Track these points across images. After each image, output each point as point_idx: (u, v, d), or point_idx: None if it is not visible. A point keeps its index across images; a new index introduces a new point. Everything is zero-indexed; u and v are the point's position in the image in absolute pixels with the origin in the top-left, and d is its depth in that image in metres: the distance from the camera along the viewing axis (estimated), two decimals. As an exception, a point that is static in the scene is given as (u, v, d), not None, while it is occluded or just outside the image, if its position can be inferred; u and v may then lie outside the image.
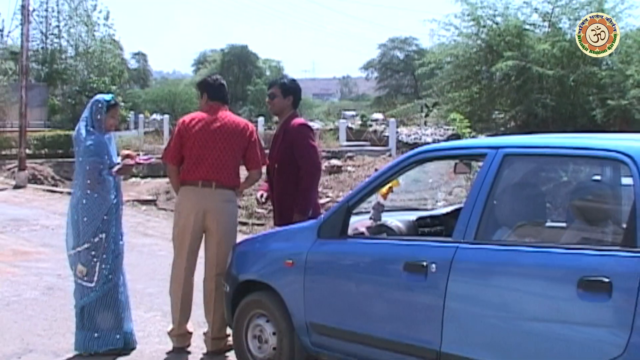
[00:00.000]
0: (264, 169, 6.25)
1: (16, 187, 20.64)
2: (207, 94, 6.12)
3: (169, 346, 6.12)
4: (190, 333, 6.15)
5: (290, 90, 6.25)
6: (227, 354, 5.97)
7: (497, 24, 19.76)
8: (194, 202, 5.92)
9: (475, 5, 19.66)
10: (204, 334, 6.09)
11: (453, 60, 20.86)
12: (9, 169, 23.95)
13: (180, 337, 6.09)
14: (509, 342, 4.00)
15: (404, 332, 4.48)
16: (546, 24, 19.74)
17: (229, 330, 5.92)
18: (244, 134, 6.01)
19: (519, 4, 19.81)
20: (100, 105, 5.99)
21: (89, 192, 5.88)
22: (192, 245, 6.01)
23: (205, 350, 6.04)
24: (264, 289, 5.38)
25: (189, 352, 6.05)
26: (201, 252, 6.09)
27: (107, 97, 6.15)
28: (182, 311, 6.03)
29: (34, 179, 21.88)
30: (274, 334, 5.28)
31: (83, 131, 5.93)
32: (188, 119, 6.06)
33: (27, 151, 22.67)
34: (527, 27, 19.83)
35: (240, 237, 6.17)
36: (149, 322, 6.90)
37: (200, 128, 5.93)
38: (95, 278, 5.85)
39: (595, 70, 18.17)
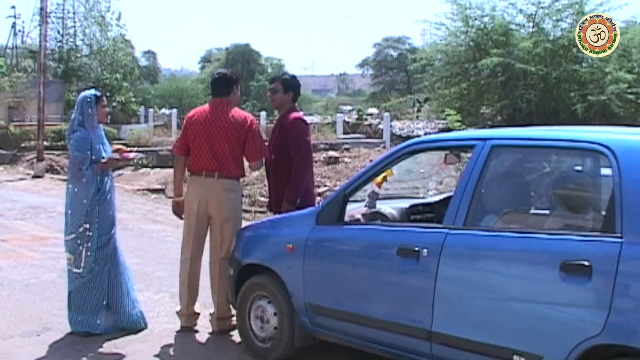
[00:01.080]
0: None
1: (35, 176, 20.67)
2: (210, 91, 6.14)
3: (177, 325, 6.12)
4: (198, 313, 6.15)
5: (291, 86, 6.21)
6: (232, 333, 5.97)
7: (484, 24, 19.70)
8: (197, 191, 5.92)
9: (464, 6, 19.60)
10: (210, 314, 6.08)
11: (443, 57, 20.83)
12: (28, 160, 23.95)
13: (189, 317, 6.09)
14: (496, 322, 4.00)
15: (397, 313, 4.48)
16: (531, 24, 19.68)
17: (233, 311, 5.91)
18: (242, 127, 5.92)
19: (505, 5, 19.73)
20: (89, 100, 5.99)
21: (70, 186, 5.93)
22: (198, 232, 6.00)
23: (210, 330, 6.04)
24: (265, 272, 5.37)
25: (196, 331, 6.05)
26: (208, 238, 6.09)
27: (92, 91, 6.18)
28: (189, 293, 6.03)
29: (51, 169, 21.86)
30: (275, 314, 5.28)
31: (71, 129, 5.99)
32: (192, 113, 6.09)
33: (45, 143, 22.66)
34: (513, 26, 19.77)
35: (243, 224, 6.16)
36: (158, 303, 6.90)
37: (200, 122, 5.92)
38: (82, 265, 5.87)
39: (577, 68, 18.14)
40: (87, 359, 5.43)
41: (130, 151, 6.33)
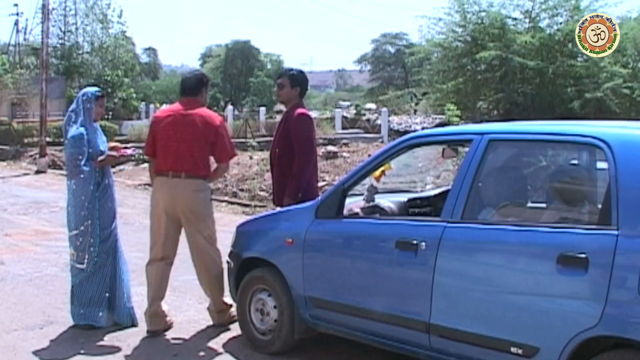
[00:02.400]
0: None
1: (37, 172, 20.66)
2: (180, 90, 5.97)
3: (179, 319, 6.10)
4: (165, 315, 5.91)
5: (298, 81, 6.11)
6: (231, 326, 5.93)
7: (481, 18, 19.71)
8: (165, 192, 5.72)
9: (462, 1, 19.61)
10: (208, 308, 6.03)
11: (440, 51, 20.86)
12: (30, 156, 23.94)
13: (153, 319, 5.82)
14: (493, 314, 3.99)
15: (396, 305, 4.47)
16: (527, 20, 19.69)
17: (231, 301, 5.87)
18: (210, 127, 5.70)
19: (501, 0, 19.73)
20: (90, 95, 5.95)
21: (69, 183, 5.89)
22: (168, 232, 5.78)
23: (210, 323, 6.01)
24: (265, 265, 5.36)
25: (196, 325, 6.01)
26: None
27: (94, 89, 6.11)
28: (154, 294, 5.83)
29: (54, 165, 21.83)
30: (275, 307, 5.27)
31: (68, 123, 5.92)
32: (160, 113, 5.96)
33: (47, 139, 22.61)
34: (509, 21, 19.78)
35: (243, 218, 6.13)
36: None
37: (168, 121, 5.75)
38: (85, 261, 5.84)
39: (572, 63, 18.15)
40: (89, 352, 5.42)
41: (126, 147, 6.26)
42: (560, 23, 19.00)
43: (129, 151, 6.20)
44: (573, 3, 18.65)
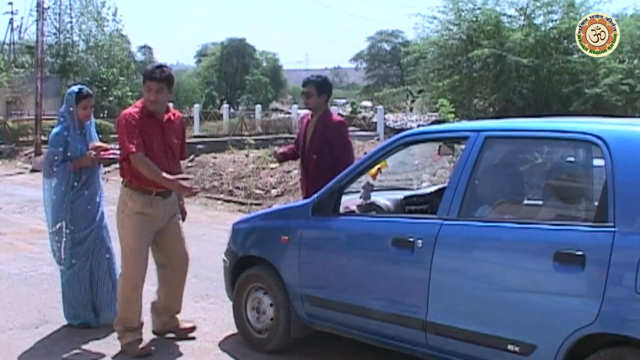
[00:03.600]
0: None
1: (33, 171, 20.59)
2: None
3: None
4: (175, 317, 5.77)
5: (324, 88, 6.32)
6: (227, 325, 5.88)
7: (476, 16, 19.71)
8: None
9: (456, 0, 19.61)
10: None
11: (435, 49, 20.86)
12: (26, 154, 23.89)
13: (159, 324, 5.76)
14: (490, 312, 3.99)
15: (393, 303, 4.47)
16: (522, 17, 19.69)
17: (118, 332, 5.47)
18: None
19: (496, -2, 19.72)
20: (70, 97, 5.76)
21: (43, 181, 5.86)
22: None
23: (207, 321, 5.97)
24: (261, 263, 5.35)
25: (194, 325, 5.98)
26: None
27: (76, 88, 5.88)
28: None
29: (49, 164, 21.80)
30: (271, 305, 5.26)
31: (57, 122, 5.86)
32: None
33: (43, 138, 22.56)
34: (504, 19, 19.78)
35: (239, 217, 6.11)
36: (155, 295, 6.84)
37: None
38: (62, 262, 5.79)
39: (568, 60, 18.14)
40: (85, 351, 5.40)
41: (110, 148, 5.93)
42: (555, 20, 19.01)
43: (109, 154, 5.83)
44: (568, 0, 18.65)
